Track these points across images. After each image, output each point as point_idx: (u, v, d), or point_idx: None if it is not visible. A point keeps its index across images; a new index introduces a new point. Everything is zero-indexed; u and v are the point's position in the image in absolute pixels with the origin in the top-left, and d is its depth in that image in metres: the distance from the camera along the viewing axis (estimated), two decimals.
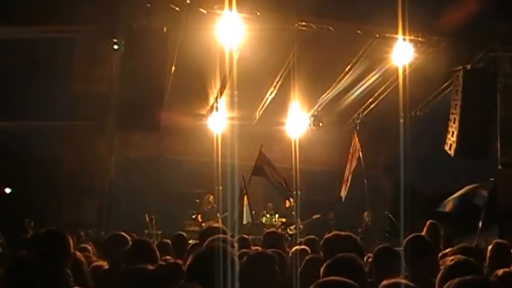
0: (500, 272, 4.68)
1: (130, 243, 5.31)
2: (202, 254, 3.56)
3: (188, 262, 3.56)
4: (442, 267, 4.23)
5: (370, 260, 5.38)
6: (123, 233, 5.81)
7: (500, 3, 12.71)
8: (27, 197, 15.00)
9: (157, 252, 5.14)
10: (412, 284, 3.50)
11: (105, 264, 5.53)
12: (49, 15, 12.30)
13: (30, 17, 12.21)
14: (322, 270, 3.62)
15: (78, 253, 5.12)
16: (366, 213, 17.28)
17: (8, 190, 16.41)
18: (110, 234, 6.15)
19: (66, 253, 4.37)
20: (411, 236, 5.17)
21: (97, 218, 13.76)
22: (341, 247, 4.23)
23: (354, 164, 16.63)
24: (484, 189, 12.32)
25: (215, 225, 6.29)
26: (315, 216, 16.18)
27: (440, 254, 5.79)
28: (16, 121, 14.25)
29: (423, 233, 6.63)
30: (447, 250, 5.88)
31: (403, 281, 3.77)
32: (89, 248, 7.21)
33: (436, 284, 3.74)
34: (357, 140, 16.78)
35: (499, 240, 6.20)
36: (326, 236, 4.79)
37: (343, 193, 16.97)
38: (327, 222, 17.47)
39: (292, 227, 15.45)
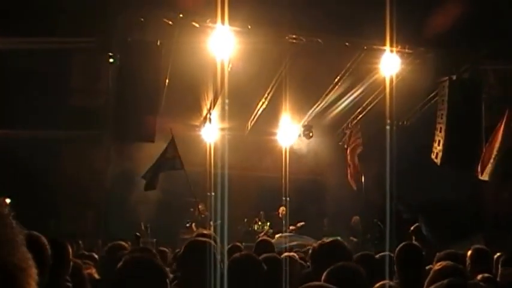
0: (479, 277, 4.94)
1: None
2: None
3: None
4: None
5: None
6: (123, 243, 6.02)
7: (486, 16, 12.96)
8: (24, 207, 15.08)
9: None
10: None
11: (93, 272, 5.56)
12: (47, 28, 12.54)
13: (28, 29, 12.41)
14: (322, 279, 3.53)
15: (77, 260, 5.23)
16: (354, 218, 17.40)
17: (8, 201, 16.46)
18: (110, 243, 6.32)
19: (66, 261, 4.39)
20: (404, 244, 5.03)
21: (95, 228, 13.99)
22: (331, 256, 4.11)
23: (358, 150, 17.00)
24: None
25: (205, 232, 6.40)
26: (299, 224, 16.14)
27: None
28: (13, 132, 14.39)
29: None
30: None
31: (391, 282, 4.01)
32: (95, 256, 7.32)
33: None
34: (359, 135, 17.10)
35: (479, 246, 6.29)
36: (314, 246, 4.60)
37: (351, 181, 17.25)
38: (320, 229, 17.61)
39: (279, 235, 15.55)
